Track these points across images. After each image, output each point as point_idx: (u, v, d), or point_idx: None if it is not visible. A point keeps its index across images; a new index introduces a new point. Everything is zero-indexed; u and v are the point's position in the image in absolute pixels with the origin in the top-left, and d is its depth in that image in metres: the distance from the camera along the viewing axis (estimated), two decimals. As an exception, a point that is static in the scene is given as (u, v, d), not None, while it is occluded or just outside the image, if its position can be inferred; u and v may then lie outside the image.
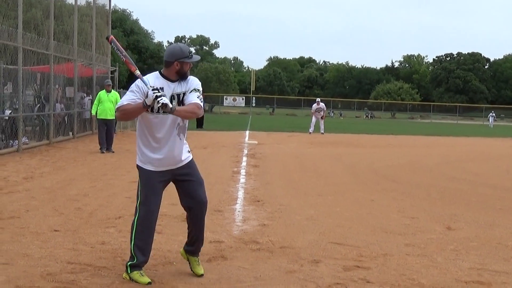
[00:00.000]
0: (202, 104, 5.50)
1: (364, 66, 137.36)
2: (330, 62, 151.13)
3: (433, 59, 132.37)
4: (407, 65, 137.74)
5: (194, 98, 5.45)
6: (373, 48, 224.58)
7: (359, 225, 8.41)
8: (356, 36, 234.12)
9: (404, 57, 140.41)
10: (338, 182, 13.31)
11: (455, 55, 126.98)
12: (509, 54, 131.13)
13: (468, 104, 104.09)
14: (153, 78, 5.47)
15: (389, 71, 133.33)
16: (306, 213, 9.20)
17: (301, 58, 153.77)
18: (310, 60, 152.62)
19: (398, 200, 10.89)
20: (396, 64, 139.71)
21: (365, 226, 8.34)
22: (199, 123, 35.95)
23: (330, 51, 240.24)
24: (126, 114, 5.44)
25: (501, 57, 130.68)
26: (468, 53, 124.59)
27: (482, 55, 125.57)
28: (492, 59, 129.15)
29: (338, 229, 8.04)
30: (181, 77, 5.50)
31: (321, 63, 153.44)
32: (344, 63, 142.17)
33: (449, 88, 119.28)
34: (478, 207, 10.37)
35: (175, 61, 5.43)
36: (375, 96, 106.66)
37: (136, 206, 5.58)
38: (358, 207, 9.97)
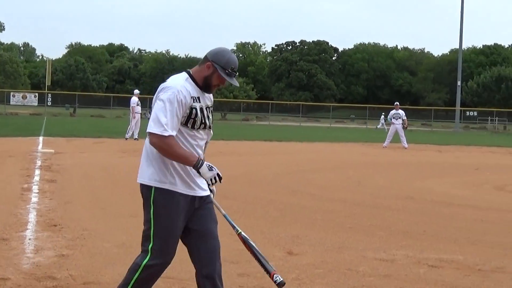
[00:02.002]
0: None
1: (188, 56, 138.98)
2: (147, 51, 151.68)
3: (272, 48, 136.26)
4: (240, 55, 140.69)
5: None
6: (198, 34, 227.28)
7: (181, 252, 8.44)
8: (177, 18, 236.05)
9: (237, 45, 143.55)
10: (157, 199, 13.30)
11: (298, 44, 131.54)
12: (360, 43, 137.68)
13: (313, 103, 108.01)
14: (190, 87, 5.26)
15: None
16: (116, 239, 9.15)
17: (110, 45, 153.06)
18: (122, 48, 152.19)
19: (230, 220, 11.04)
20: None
21: (186, 253, 8.38)
22: None
23: (145, 37, 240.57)
24: (169, 153, 5.32)
25: (351, 46, 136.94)
26: (313, 41, 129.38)
27: (330, 43, 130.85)
28: (340, 49, 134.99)
29: (157, 258, 8.03)
30: (204, 87, 5.34)
31: (135, 51, 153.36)
32: (164, 51, 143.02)
33: (290, 83, 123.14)
34: (325, 227, 10.73)
35: (210, 62, 5.25)
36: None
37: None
38: (181, 230, 10.02)
